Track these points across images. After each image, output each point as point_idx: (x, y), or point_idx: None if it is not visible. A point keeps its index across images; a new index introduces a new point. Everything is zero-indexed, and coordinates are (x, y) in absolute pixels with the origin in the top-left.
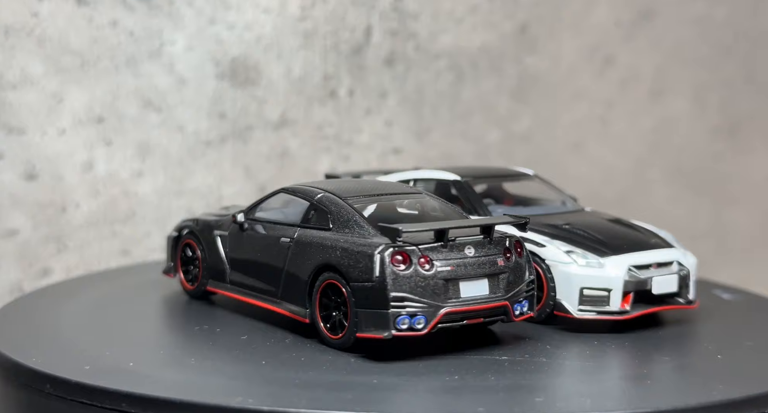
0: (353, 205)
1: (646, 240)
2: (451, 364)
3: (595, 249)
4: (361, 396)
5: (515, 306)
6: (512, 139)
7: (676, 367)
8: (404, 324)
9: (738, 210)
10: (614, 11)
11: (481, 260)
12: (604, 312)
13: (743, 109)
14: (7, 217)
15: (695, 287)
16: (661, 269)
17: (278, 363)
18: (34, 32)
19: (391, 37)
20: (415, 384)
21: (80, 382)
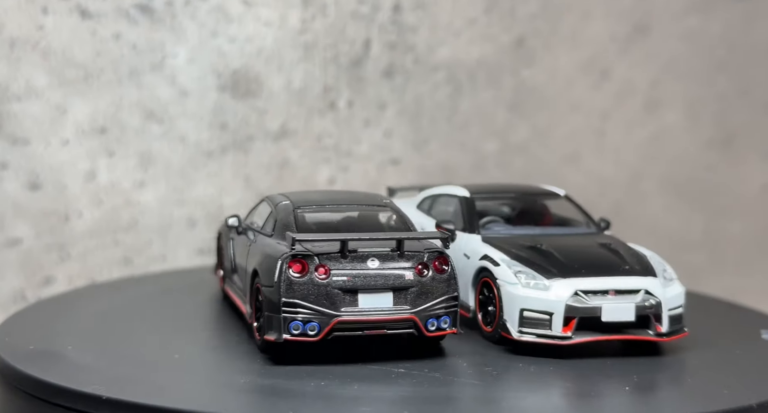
0: (299, 214)
1: (617, 267)
2: (347, 372)
3: (548, 271)
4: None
5: (428, 321)
6: (509, 150)
7: (565, 393)
8: (297, 329)
9: (731, 221)
10: (610, 25)
11: (386, 272)
12: (545, 336)
13: (737, 122)
14: (10, 226)
15: (674, 320)
16: (620, 297)
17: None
18: (39, 45)
19: (389, 50)
20: (300, 387)
21: (85, 392)
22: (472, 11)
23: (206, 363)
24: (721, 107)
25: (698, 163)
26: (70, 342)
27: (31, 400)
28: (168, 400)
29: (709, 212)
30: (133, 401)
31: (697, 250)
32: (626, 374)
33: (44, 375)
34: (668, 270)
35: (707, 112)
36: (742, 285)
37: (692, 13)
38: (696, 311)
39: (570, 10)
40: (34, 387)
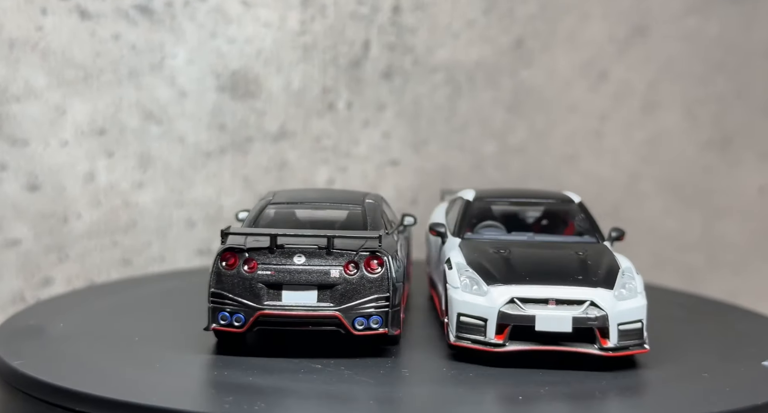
0: (267, 210)
1: (567, 276)
2: (263, 364)
3: (493, 277)
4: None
5: (356, 320)
6: (507, 151)
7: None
8: (224, 320)
9: (729, 222)
10: (608, 27)
11: (311, 269)
12: (479, 342)
13: (735, 123)
14: (9, 227)
15: (627, 334)
16: (560, 307)
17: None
18: (38, 46)
19: (389, 51)
20: (194, 377)
21: (86, 393)
22: (471, 13)
23: (205, 363)
24: (719, 108)
25: (696, 164)
26: (68, 342)
27: (30, 401)
28: (166, 401)
29: (707, 213)
30: (132, 401)
31: (695, 251)
32: (563, 385)
33: (43, 375)
34: (633, 284)
35: (705, 114)
36: (740, 286)
37: (690, 14)
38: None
39: (568, 11)
40: (34, 387)
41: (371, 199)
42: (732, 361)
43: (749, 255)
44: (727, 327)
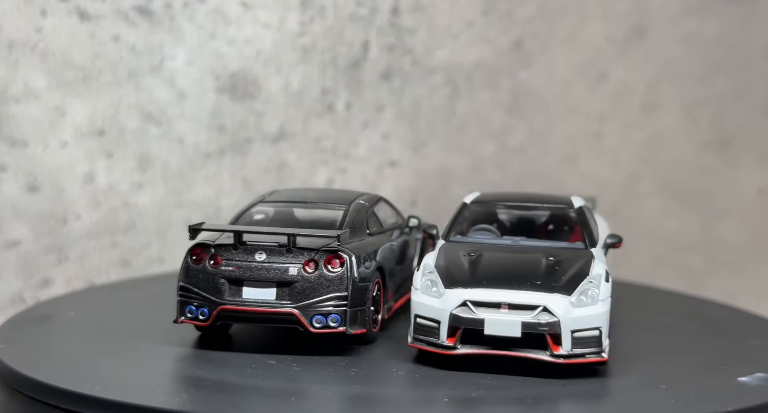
0: (255, 208)
1: (524, 281)
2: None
3: (453, 280)
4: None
5: (314, 318)
6: (507, 152)
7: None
8: (191, 313)
9: (728, 223)
10: (607, 28)
11: (271, 266)
12: (433, 344)
13: (734, 124)
14: (9, 228)
15: (582, 342)
16: (512, 312)
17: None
18: (37, 47)
19: (388, 52)
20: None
21: (85, 394)
22: (470, 14)
23: (204, 363)
24: (718, 110)
25: (695, 165)
26: (68, 344)
27: (30, 402)
28: (165, 402)
29: (706, 214)
30: (131, 402)
31: (694, 252)
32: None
33: (43, 376)
34: (595, 292)
35: (704, 115)
36: (739, 287)
37: (689, 15)
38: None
39: (567, 12)
40: (33, 388)
41: (364, 200)
42: (708, 372)
43: (748, 256)
44: (720, 332)
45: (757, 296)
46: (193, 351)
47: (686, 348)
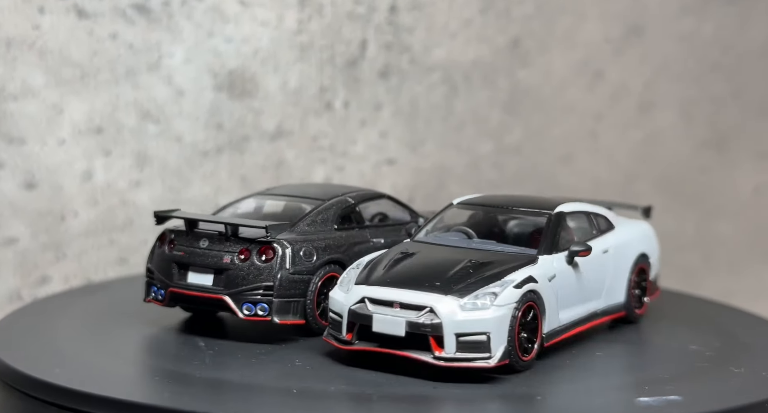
0: (244, 200)
1: (423, 282)
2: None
3: (366, 277)
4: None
5: (243, 305)
6: (504, 151)
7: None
8: (153, 293)
9: (724, 222)
10: (604, 27)
11: (210, 253)
12: (337, 339)
13: (730, 123)
14: (6, 226)
15: (468, 346)
16: (402, 311)
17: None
18: (35, 45)
19: (386, 51)
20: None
21: (82, 391)
22: (468, 12)
23: (207, 363)
24: (715, 109)
25: (691, 164)
26: (65, 341)
27: (26, 399)
28: (164, 400)
29: (702, 213)
30: (128, 400)
31: (690, 251)
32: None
33: (40, 374)
34: (493, 297)
35: (701, 114)
36: (736, 285)
37: (686, 15)
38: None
39: (565, 11)
40: (31, 386)
41: (351, 197)
42: (704, 371)
43: (744, 255)
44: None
45: (753, 294)
46: (190, 349)
47: (682, 348)
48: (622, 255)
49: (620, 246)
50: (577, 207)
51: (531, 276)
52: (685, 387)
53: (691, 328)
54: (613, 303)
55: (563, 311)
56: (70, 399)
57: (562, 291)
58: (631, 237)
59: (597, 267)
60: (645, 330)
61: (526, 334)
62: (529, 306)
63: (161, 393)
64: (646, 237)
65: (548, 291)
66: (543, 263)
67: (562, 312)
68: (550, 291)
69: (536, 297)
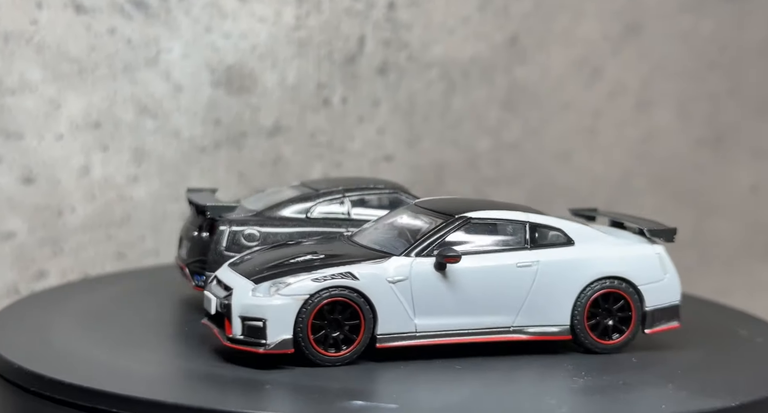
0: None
1: (257, 268)
2: None
3: (237, 261)
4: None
5: (194, 276)
6: (501, 148)
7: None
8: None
9: (721, 220)
10: (602, 24)
11: (188, 226)
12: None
13: (728, 121)
14: (4, 220)
15: (250, 330)
16: (222, 291)
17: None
18: (33, 39)
19: (384, 47)
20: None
21: (79, 385)
22: (466, 9)
23: (202, 356)
24: (712, 107)
25: (689, 162)
26: (62, 335)
27: (23, 393)
28: (161, 393)
29: (699, 211)
30: (126, 394)
31: (687, 249)
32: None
33: (37, 367)
34: (282, 286)
35: (698, 112)
36: (732, 284)
37: (684, 12)
38: None
39: (563, 9)
40: (27, 379)
41: (344, 188)
42: (699, 370)
43: (741, 254)
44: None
45: (749, 293)
46: (187, 343)
47: (677, 347)
48: (564, 276)
49: (561, 265)
50: (502, 215)
51: (350, 273)
52: (680, 386)
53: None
54: (548, 324)
55: (425, 317)
56: (66, 392)
57: (421, 297)
58: (591, 258)
59: (505, 281)
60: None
61: (345, 330)
62: (343, 303)
63: (157, 387)
64: (631, 260)
65: (383, 293)
66: (392, 264)
67: (423, 319)
68: (390, 293)
69: (354, 295)
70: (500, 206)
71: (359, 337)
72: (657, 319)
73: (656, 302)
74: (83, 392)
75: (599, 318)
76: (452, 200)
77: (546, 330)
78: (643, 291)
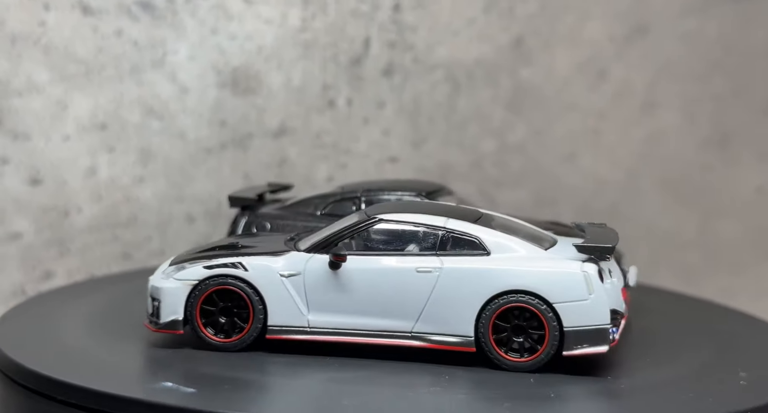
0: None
1: (187, 255)
2: None
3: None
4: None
5: None
6: (506, 150)
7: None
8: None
9: (726, 221)
10: (608, 26)
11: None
12: None
13: (732, 123)
14: (11, 221)
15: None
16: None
17: None
18: (40, 41)
19: (389, 49)
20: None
21: (86, 387)
22: (471, 11)
23: (207, 357)
24: (718, 108)
25: (694, 163)
26: (69, 335)
27: (29, 394)
28: (167, 397)
29: (705, 212)
30: (129, 396)
31: (692, 250)
32: None
33: (43, 368)
34: (179, 271)
35: (703, 113)
36: (737, 285)
37: (690, 14)
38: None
39: (568, 10)
40: (33, 380)
41: (369, 188)
42: (706, 374)
43: (746, 255)
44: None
45: (754, 294)
46: (194, 344)
47: (683, 349)
48: (468, 285)
49: (466, 274)
50: (417, 219)
51: (240, 264)
52: (686, 389)
53: (690, 329)
54: (450, 334)
55: (318, 314)
56: (71, 394)
57: (314, 293)
58: (501, 270)
59: (402, 284)
60: (643, 331)
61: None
62: (231, 292)
63: (162, 389)
64: (548, 276)
65: (273, 285)
66: (287, 258)
67: (316, 315)
68: (281, 286)
69: (242, 285)
70: (439, 210)
71: (248, 326)
72: (579, 341)
73: (577, 323)
74: (89, 393)
75: (507, 334)
76: (399, 204)
77: (447, 339)
78: (559, 309)
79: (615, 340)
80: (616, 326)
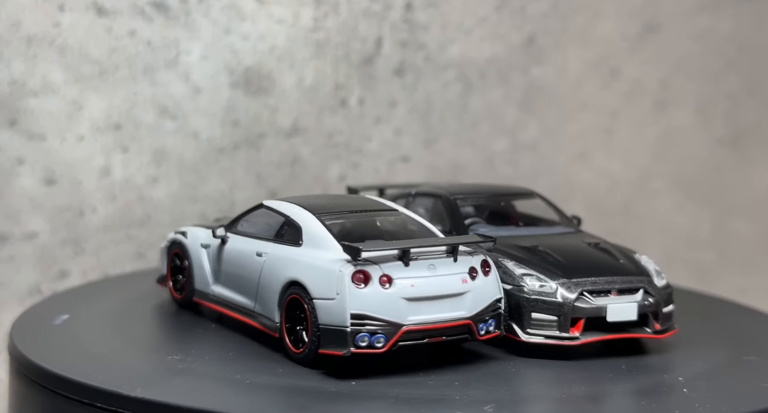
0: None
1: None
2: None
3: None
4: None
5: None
6: (519, 149)
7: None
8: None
9: (740, 220)
10: (620, 24)
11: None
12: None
13: (746, 121)
14: (27, 221)
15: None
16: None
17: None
18: (55, 42)
19: (401, 48)
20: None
21: (101, 387)
22: (483, 10)
23: (216, 360)
24: (731, 106)
25: (707, 162)
26: (84, 334)
27: (46, 393)
28: (184, 398)
29: (718, 211)
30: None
31: (706, 249)
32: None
33: (58, 367)
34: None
35: (717, 111)
36: (751, 284)
37: (702, 12)
38: None
39: (580, 8)
40: (50, 379)
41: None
42: (723, 373)
43: (760, 253)
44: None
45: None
46: (208, 344)
47: (699, 348)
48: (275, 273)
49: (276, 262)
50: (282, 208)
51: (182, 232)
52: (699, 389)
53: (704, 328)
54: (269, 318)
55: (216, 285)
56: (86, 393)
57: (213, 264)
58: (289, 260)
59: (247, 266)
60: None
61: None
62: (178, 254)
63: (178, 388)
64: (313, 271)
65: (195, 253)
66: (211, 231)
67: (216, 286)
68: (198, 254)
69: (182, 249)
70: (317, 204)
71: (185, 287)
72: (326, 340)
73: (327, 321)
74: (103, 393)
75: (290, 324)
76: (299, 196)
77: (267, 323)
78: (316, 305)
79: (385, 348)
80: (376, 333)
